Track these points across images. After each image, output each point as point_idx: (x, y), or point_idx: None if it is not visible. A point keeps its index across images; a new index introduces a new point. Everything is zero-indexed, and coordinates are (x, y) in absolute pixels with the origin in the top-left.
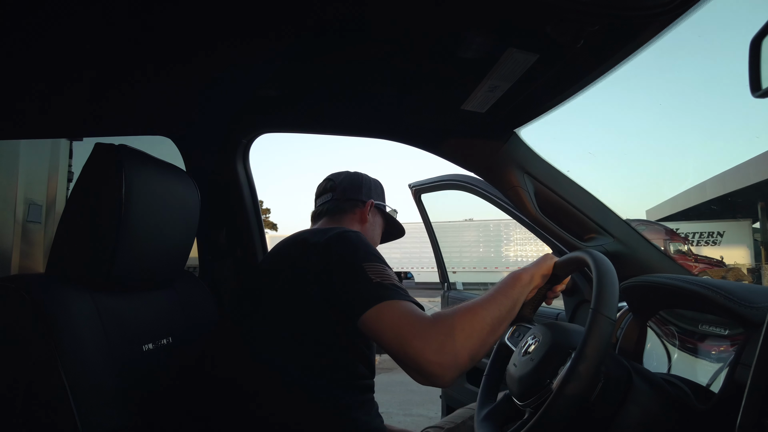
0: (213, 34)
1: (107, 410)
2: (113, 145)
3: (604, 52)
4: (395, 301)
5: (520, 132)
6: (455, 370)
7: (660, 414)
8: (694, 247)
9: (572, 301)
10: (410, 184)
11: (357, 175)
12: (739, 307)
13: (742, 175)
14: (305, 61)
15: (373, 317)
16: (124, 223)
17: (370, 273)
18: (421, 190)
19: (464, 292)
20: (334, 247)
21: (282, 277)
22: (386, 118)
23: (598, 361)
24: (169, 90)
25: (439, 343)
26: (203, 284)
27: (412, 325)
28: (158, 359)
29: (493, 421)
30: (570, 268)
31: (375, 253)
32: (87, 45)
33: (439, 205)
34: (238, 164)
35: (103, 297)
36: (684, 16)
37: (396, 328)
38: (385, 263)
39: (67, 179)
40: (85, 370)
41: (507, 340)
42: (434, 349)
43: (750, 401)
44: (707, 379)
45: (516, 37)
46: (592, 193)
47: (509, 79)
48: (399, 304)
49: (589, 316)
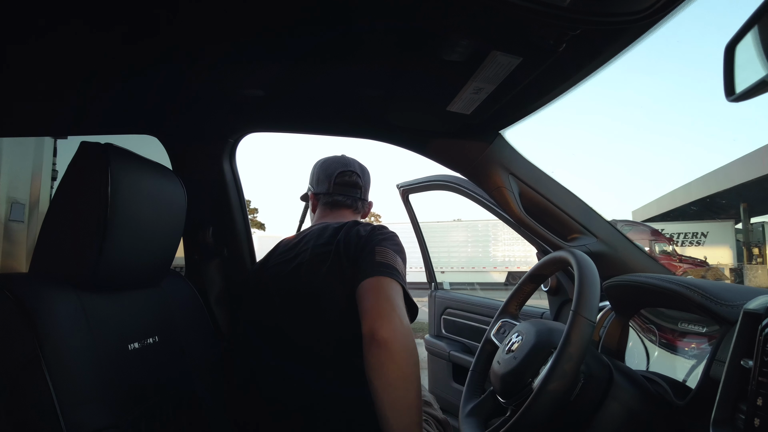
0: (200, 34)
1: (92, 409)
2: (99, 144)
3: (587, 56)
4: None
5: (504, 133)
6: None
7: (640, 410)
8: (679, 248)
9: (557, 300)
10: (398, 184)
11: (370, 175)
12: (715, 305)
13: (726, 177)
14: (291, 61)
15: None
16: (109, 222)
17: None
18: (409, 190)
19: (451, 292)
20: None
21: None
22: (373, 118)
23: (577, 362)
24: (156, 89)
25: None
26: (190, 284)
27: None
28: (145, 358)
29: (477, 416)
30: (553, 267)
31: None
32: (73, 42)
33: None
34: (225, 164)
35: (88, 296)
36: (663, 20)
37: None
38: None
39: (51, 178)
40: (69, 368)
41: (492, 336)
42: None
43: (723, 397)
44: (685, 376)
45: (499, 40)
46: (576, 194)
47: (493, 82)
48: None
49: (570, 318)
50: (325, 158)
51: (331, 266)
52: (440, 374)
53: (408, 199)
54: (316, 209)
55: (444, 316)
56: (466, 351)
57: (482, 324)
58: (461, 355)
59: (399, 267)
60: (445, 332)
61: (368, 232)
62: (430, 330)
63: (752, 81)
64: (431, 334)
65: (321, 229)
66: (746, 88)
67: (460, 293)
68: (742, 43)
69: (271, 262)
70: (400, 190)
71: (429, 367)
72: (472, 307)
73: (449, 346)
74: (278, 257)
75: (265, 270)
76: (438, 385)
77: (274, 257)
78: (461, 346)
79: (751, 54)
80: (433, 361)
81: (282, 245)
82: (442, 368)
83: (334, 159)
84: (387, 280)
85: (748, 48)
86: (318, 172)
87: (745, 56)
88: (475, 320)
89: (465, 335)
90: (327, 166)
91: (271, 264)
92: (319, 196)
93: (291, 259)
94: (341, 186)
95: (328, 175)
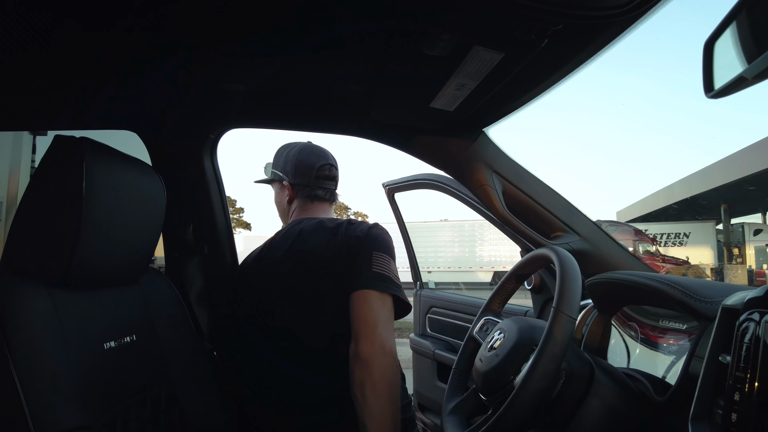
0: (181, 29)
1: (63, 409)
2: (74, 138)
3: (570, 52)
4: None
5: (488, 131)
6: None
7: (620, 406)
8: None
9: (540, 298)
10: (384, 183)
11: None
12: (694, 301)
13: (707, 178)
14: (274, 56)
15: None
16: (84, 218)
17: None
18: (394, 189)
19: (436, 291)
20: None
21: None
22: (357, 115)
23: (558, 359)
24: (135, 84)
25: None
26: (169, 281)
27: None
28: (121, 357)
29: (459, 414)
30: (535, 265)
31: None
32: (49, 35)
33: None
34: (206, 160)
35: (61, 293)
36: (646, 15)
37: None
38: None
39: (30, 175)
40: (39, 367)
41: (475, 334)
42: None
43: (702, 392)
44: (665, 373)
45: (481, 35)
46: (559, 192)
47: (476, 78)
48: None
49: (551, 315)
50: (298, 146)
51: (332, 268)
52: (425, 373)
53: (394, 198)
54: (291, 199)
55: (429, 315)
56: (451, 349)
57: (467, 322)
58: (446, 354)
59: (392, 273)
60: (430, 331)
61: (365, 233)
62: (415, 329)
63: (730, 77)
64: (416, 333)
65: (315, 226)
66: (724, 84)
67: (445, 292)
68: (720, 39)
69: (265, 260)
70: (385, 188)
71: (414, 366)
72: (456, 306)
73: (434, 345)
74: (273, 254)
75: (259, 267)
76: (422, 383)
77: (268, 254)
78: (446, 345)
79: (730, 50)
80: (418, 360)
81: (276, 241)
82: (427, 367)
83: (311, 150)
84: (377, 294)
85: (727, 44)
86: (295, 163)
87: (723, 53)
88: (460, 319)
89: (449, 334)
90: (306, 157)
91: (266, 261)
92: (297, 188)
93: (287, 258)
94: (322, 180)
95: (309, 167)
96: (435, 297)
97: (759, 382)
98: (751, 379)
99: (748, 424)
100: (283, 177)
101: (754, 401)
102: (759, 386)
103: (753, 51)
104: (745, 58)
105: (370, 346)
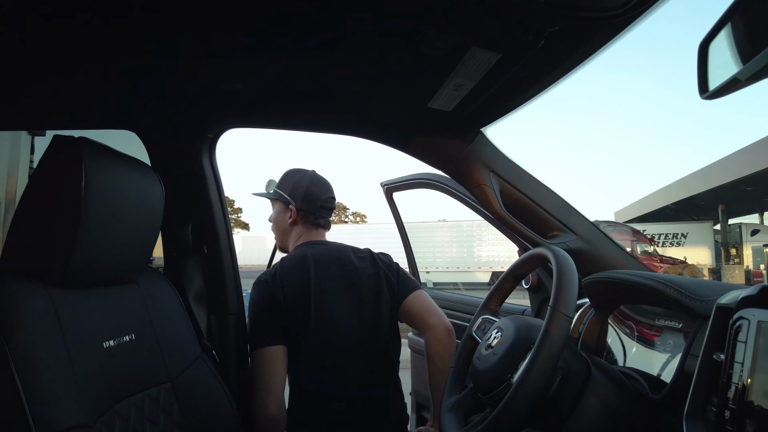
0: (179, 28)
1: (62, 407)
2: (72, 138)
3: (567, 52)
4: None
5: (486, 131)
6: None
7: (617, 404)
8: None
9: (538, 297)
10: (382, 182)
11: None
12: (690, 300)
13: (705, 179)
14: (272, 55)
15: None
16: (82, 217)
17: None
18: (393, 188)
19: (434, 290)
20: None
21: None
22: (355, 115)
23: (555, 357)
24: (134, 83)
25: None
26: (168, 281)
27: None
28: (120, 356)
29: (457, 412)
30: (532, 264)
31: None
32: (47, 34)
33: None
34: (204, 159)
35: (60, 292)
36: (642, 17)
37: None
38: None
39: (28, 176)
40: (38, 366)
41: (474, 333)
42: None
43: (696, 390)
44: (661, 371)
45: (478, 35)
46: (556, 192)
47: (473, 78)
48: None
49: (548, 313)
50: (308, 176)
51: (382, 289)
52: (423, 372)
53: (392, 198)
54: (294, 222)
55: None
56: None
57: (465, 321)
58: None
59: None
60: None
61: (389, 258)
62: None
63: (724, 78)
64: (414, 333)
65: (340, 252)
66: (719, 85)
67: (442, 292)
68: (715, 41)
69: (319, 284)
70: (384, 188)
71: (412, 365)
72: (454, 305)
73: None
74: (325, 277)
75: (316, 291)
76: (420, 382)
77: (319, 277)
78: None
79: (724, 52)
80: (416, 359)
81: (335, 261)
82: (425, 366)
83: (320, 181)
84: (422, 291)
85: (722, 46)
86: (305, 191)
87: (718, 54)
88: (458, 318)
89: None
90: (314, 188)
91: (324, 287)
92: (302, 213)
93: (343, 281)
94: (326, 210)
95: (316, 197)
96: (433, 296)
97: (751, 380)
98: (744, 376)
99: (741, 421)
100: (290, 201)
101: (746, 399)
102: (751, 384)
103: (747, 52)
104: (740, 59)
105: (438, 319)
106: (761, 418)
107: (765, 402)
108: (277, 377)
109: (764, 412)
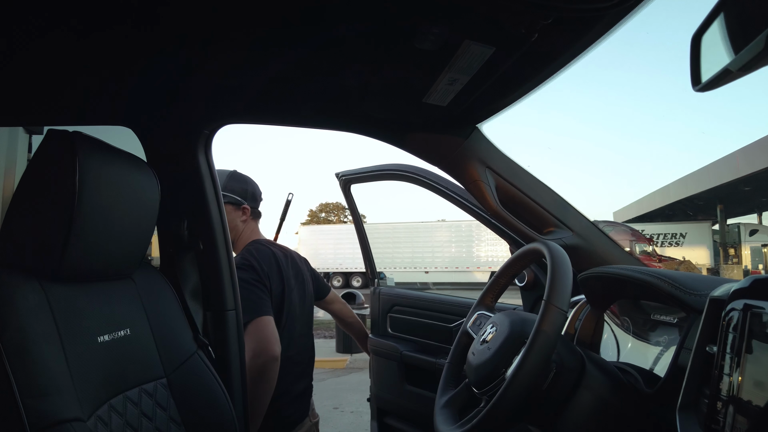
0: (175, 24)
1: (56, 401)
2: (67, 132)
3: (561, 46)
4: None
5: (482, 127)
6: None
7: (611, 398)
8: (659, 248)
9: (531, 295)
10: (338, 173)
11: None
12: (683, 294)
13: (703, 179)
14: (267, 51)
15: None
16: (77, 212)
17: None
18: (350, 180)
19: (396, 289)
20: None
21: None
22: (350, 110)
23: (548, 352)
24: (130, 79)
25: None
26: (164, 276)
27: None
28: (115, 351)
29: (452, 408)
30: (527, 259)
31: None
32: (44, 31)
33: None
34: (200, 155)
35: (54, 287)
36: (635, 10)
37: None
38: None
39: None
40: (32, 360)
41: (468, 328)
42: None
43: (689, 382)
44: (655, 365)
45: (472, 28)
46: (552, 188)
47: (468, 72)
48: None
49: (542, 307)
50: (244, 176)
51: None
52: (388, 376)
53: (349, 190)
54: (245, 219)
55: (391, 314)
56: (421, 351)
57: (439, 321)
58: (416, 355)
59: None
60: (392, 331)
61: (308, 261)
62: (374, 329)
63: (716, 70)
64: (375, 333)
65: (290, 254)
66: (711, 77)
67: (406, 290)
68: (707, 32)
69: (290, 280)
70: (340, 179)
71: (373, 368)
72: (425, 304)
73: (401, 346)
74: (289, 276)
75: (288, 285)
76: (384, 387)
77: (290, 275)
78: (415, 346)
79: (717, 43)
80: (378, 362)
81: (290, 262)
82: (392, 369)
83: (249, 179)
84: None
85: (714, 37)
86: (251, 190)
87: (710, 46)
88: (431, 317)
89: (418, 334)
90: (253, 186)
91: (292, 283)
92: (250, 210)
93: (297, 279)
94: (259, 202)
95: (258, 194)
96: (397, 295)
97: (743, 371)
98: (735, 368)
99: (732, 412)
100: (241, 201)
101: (738, 390)
102: (743, 375)
103: (739, 43)
104: (732, 50)
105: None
106: (751, 408)
107: (754, 392)
108: (276, 334)
109: (753, 403)
